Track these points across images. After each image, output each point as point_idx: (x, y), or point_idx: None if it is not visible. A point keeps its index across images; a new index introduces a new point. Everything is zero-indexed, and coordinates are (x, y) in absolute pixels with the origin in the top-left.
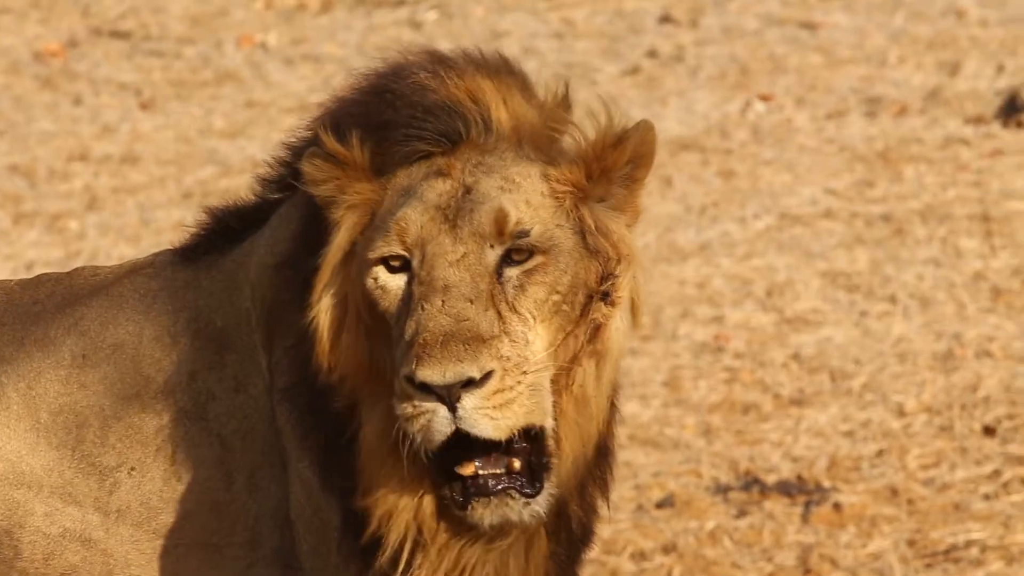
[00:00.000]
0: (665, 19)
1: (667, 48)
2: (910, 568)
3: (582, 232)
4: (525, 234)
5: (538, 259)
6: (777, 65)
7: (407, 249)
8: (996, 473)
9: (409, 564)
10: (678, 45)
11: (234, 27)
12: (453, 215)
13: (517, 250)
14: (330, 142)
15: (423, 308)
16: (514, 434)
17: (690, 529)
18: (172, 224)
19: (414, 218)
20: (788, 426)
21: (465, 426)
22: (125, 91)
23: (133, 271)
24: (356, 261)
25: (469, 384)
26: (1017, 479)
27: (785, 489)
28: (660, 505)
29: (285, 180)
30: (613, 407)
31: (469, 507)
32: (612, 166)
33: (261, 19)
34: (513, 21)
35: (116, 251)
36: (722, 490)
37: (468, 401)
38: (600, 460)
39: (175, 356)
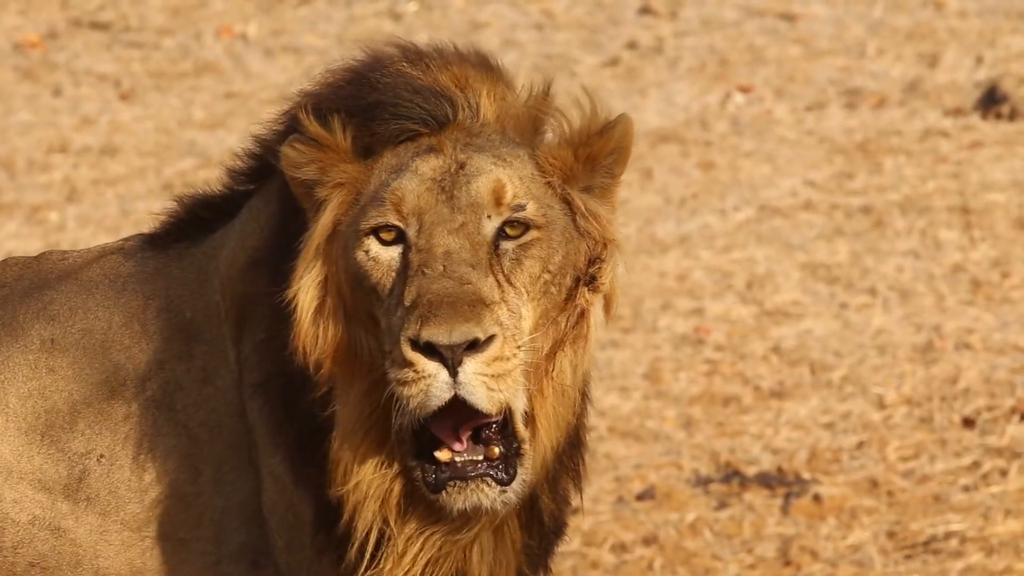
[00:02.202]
0: (645, 10)
1: (647, 39)
2: (890, 559)
3: (572, 214)
4: (521, 208)
5: (533, 234)
6: (756, 57)
7: (402, 219)
8: (975, 465)
9: (375, 555)
10: (658, 36)
11: (214, 18)
12: (449, 187)
13: (512, 224)
14: (312, 126)
15: (424, 273)
16: (501, 412)
17: (670, 521)
18: (152, 215)
19: (410, 188)
20: (768, 418)
21: (464, 392)
22: (105, 82)
23: (103, 256)
24: (339, 240)
25: (472, 347)
26: (996, 471)
27: (765, 481)
28: (640, 497)
29: (255, 172)
30: (585, 398)
31: (443, 491)
32: (598, 153)
33: (241, 10)
34: (493, 12)
35: (96, 242)
36: (702, 482)
37: (469, 365)
38: (573, 451)
39: (144, 344)
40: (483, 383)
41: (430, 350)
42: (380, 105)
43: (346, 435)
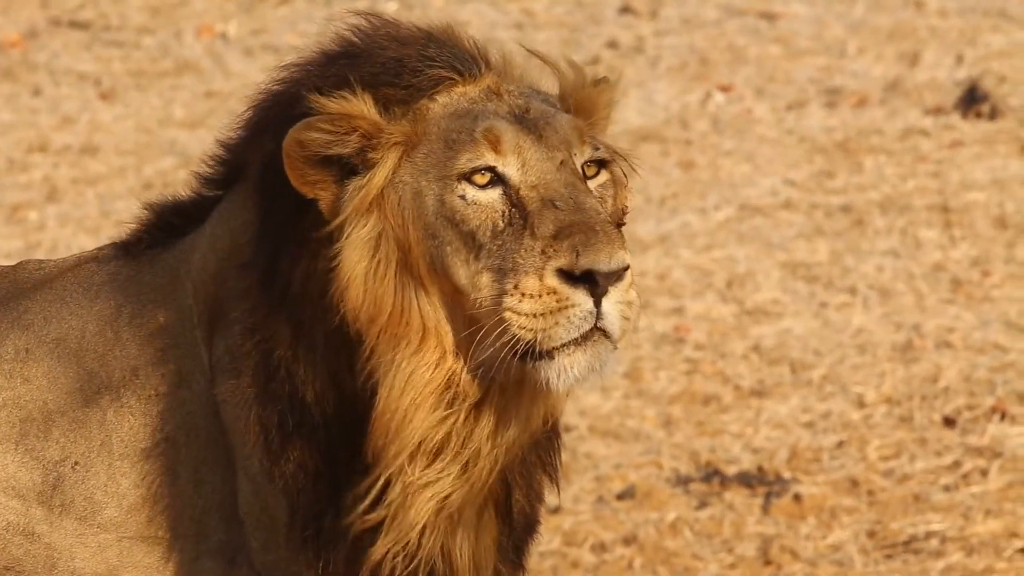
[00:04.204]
0: (625, 10)
1: (627, 39)
2: (870, 559)
3: (612, 160)
4: (596, 146)
5: (604, 175)
6: (737, 56)
7: (501, 159)
8: (956, 464)
9: (380, 500)
10: (638, 36)
11: (194, 17)
12: (533, 126)
13: (589, 163)
14: (331, 102)
15: (556, 206)
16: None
17: (651, 520)
18: (132, 215)
19: (504, 127)
20: (748, 417)
21: (604, 322)
22: (85, 81)
23: (77, 265)
24: (399, 192)
25: (620, 275)
26: (977, 470)
27: (745, 480)
28: (621, 496)
29: (224, 177)
30: None
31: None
32: (599, 101)
33: (221, 9)
34: (473, 11)
35: (76, 242)
36: (683, 481)
37: (614, 294)
38: (548, 444)
39: (118, 351)
40: (620, 312)
41: (580, 279)
42: (404, 58)
43: (398, 393)
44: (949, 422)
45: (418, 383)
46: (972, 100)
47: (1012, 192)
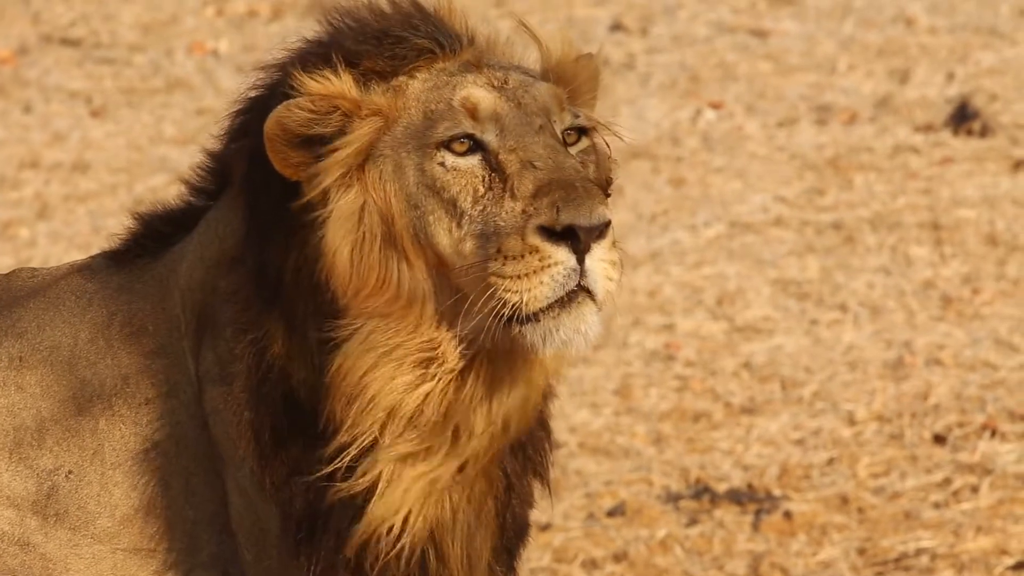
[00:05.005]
0: (616, 27)
1: (618, 56)
2: None
3: (594, 129)
4: (576, 114)
5: (585, 142)
6: (727, 73)
7: (479, 126)
8: (946, 481)
9: (353, 469)
10: (629, 53)
11: (185, 34)
12: (512, 94)
13: (569, 131)
14: (311, 81)
15: (535, 166)
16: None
17: (641, 537)
18: (114, 233)
19: (481, 95)
20: (739, 434)
21: (587, 280)
22: (76, 99)
23: (70, 273)
24: (380, 163)
25: (601, 231)
26: (967, 487)
27: (736, 497)
28: (611, 513)
29: (212, 185)
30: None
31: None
32: (582, 74)
33: (212, 26)
34: None
35: (67, 259)
36: (673, 498)
37: (596, 251)
38: (537, 443)
39: (109, 359)
40: (604, 270)
41: (562, 236)
42: (387, 29)
43: (356, 354)
44: (939, 439)
45: (377, 346)
46: (963, 117)
47: (1003, 209)
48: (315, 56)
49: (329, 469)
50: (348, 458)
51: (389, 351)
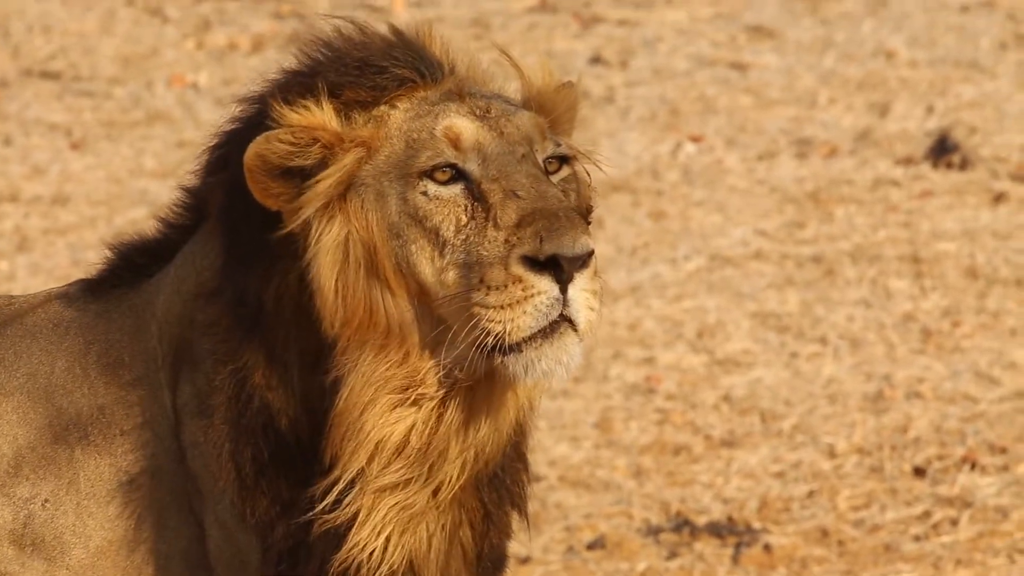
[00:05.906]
0: (595, 60)
1: (598, 89)
2: None
3: (575, 157)
4: (558, 144)
5: (566, 170)
6: (707, 106)
7: (461, 155)
8: (926, 514)
9: (340, 502)
10: (608, 86)
11: (165, 67)
12: (495, 124)
13: (550, 160)
14: (291, 113)
15: (517, 195)
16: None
17: (621, 571)
18: (92, 265)
19: (463, 125)
20: (719, 467)
21: (570, 309)
22: (55, 131)
23: (48, 300)
24: (362, 194)
25: (584, 261)
26: (947, 520)
27: (716, 530)
28: (591, 547)
29: (189, 221)
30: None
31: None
32: (562, 103)
33: (192, 59)
34: None
35: None
36: (653, 531)
37: (579, 280)
38: (515, 473)
39: (86, 388)
40: (586, 300)
41: (546, 266)
42: (368, 58)
43: (358, 390)
44: (919, 472)
45: (375, 381)
46: (942, 150)
47: (983, 242)
48: (295, 87)
49: (321, 506)
50: (337, 491)
51: (384, 383)
